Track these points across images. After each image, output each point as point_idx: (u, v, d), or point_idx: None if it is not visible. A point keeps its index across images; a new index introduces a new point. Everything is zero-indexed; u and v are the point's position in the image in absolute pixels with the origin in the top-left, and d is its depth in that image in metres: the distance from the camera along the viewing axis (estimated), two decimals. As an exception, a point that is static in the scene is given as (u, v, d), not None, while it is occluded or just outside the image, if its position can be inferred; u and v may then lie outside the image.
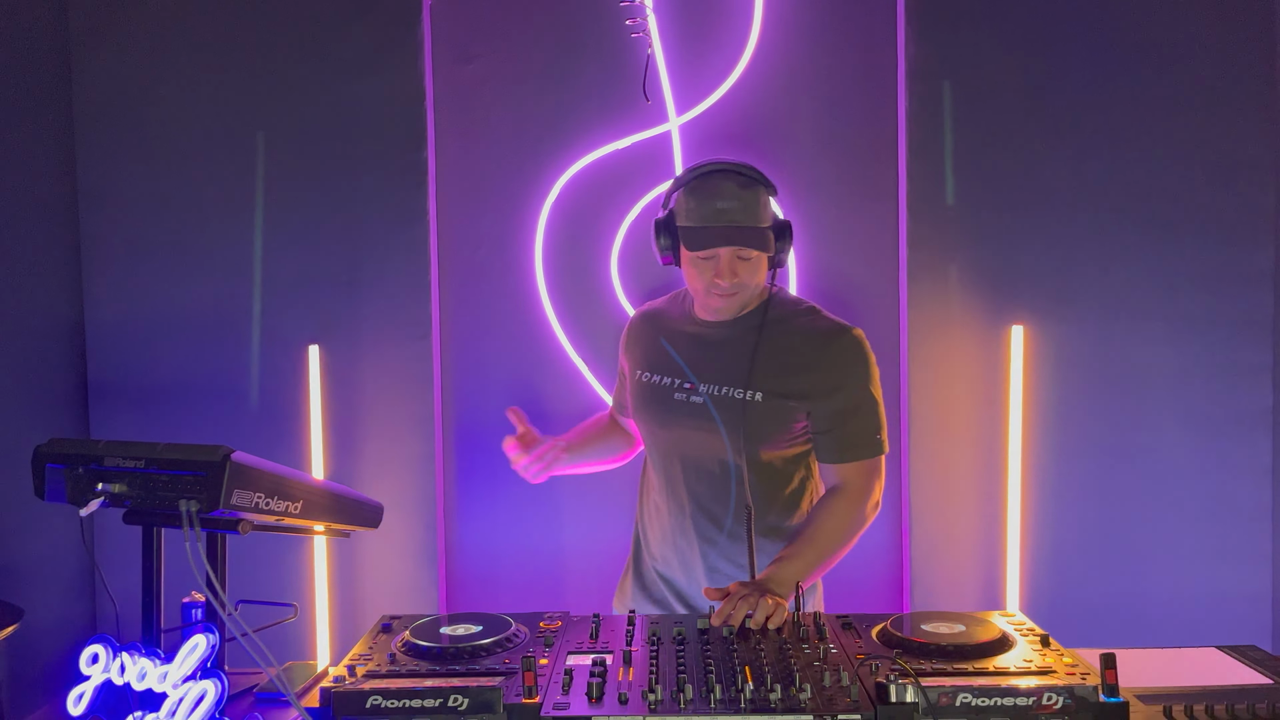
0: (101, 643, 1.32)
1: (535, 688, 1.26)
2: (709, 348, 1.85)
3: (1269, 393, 2.57)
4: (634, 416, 1.95)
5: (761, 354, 1.79)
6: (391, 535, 2.58)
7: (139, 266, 2.63)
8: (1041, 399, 2.58)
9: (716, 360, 1.83)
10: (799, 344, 1.81)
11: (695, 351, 1.86)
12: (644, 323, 1.98)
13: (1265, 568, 2.58)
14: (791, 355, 1.80)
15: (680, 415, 1.83)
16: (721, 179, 1.74)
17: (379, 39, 2.59)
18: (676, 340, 1.89)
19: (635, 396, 1.93)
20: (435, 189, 2.66)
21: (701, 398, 1.81)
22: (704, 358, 1.84)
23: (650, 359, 1.91)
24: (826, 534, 1.77)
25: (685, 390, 1.83)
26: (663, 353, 1.89)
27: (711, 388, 1.82)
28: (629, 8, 2.55)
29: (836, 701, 1.24)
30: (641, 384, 1.90)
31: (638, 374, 1.92)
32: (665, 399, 1.85)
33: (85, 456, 1.34)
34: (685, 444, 1.85)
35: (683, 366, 1.85)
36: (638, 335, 1.98)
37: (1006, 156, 2.56)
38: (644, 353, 1.93)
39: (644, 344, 1.94)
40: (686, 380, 1.84)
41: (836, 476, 1.83)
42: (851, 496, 1.80)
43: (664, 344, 1.90)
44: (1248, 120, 2.54)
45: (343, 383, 2.62)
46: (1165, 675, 1.46)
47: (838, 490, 1.82)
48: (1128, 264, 2.56)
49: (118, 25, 2.61)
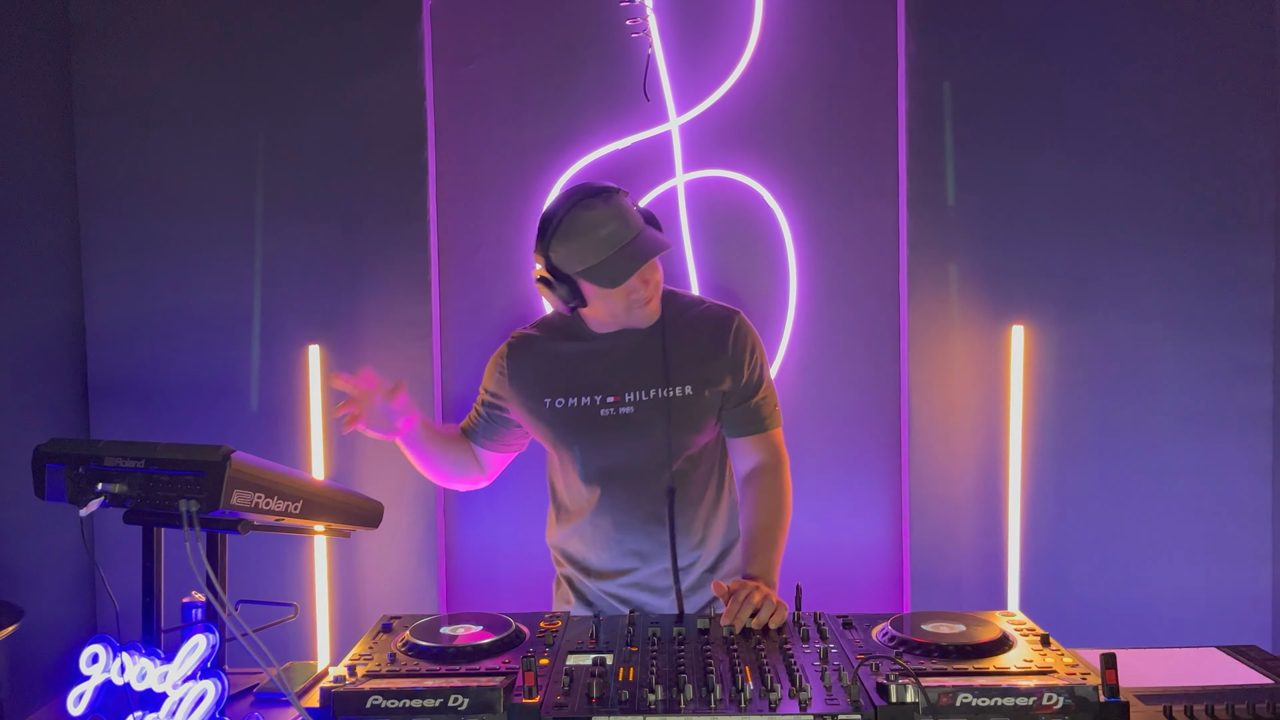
0: (101, 643, 1.32)
1: (535, 688, 1.26)
2: (618, 357, 1.82)
3: (1269, 393, 2.57)
4: (554, 445, 1.86)
5: (672, 349, 1.80)
6: (391, 535, 2.58)
7: (139, 266, 2.62)
8: (1041, 399, 2.58)
9: (632, 369, 1.81)
10: (700, 335, 1.83)
11: (608, 366, 1.82)
12: (531, 352, 1.87)
13: (1265, 568, 2.58)
14: (698, 345, 1.82)
15: (611, 430, 1.79)
16: (585, 209, 1.71)
17: (379, 39, 2.59)
18: (583, 360, 1.84)
19: (548, 425, 1.83)
20: (435, 189, 2.66)
21: (630, 407, 1.79)
22: (619, 369, 1.81)
23: (556, 384, 1.83)
24: (774, 515, 1.81)
25: (610, 404, 1.80)
26: (572, 374, 1.83)
27: (636, 394, 1.79)
28: (629, 8, 2.55)
29: (836, 701, 1.24)
30: (555, 411, 1.81)
31: (544, 403, 1.82)
32: (590, 419, 1.80)
33: (85, 456, 1.34)
34: (621, 456, 1.80)
35: (598, 382, 1.81)
36: (525, 365, 1.86)
37: (1006, 156, 2.56)
38: (544, 380, 1.84)
39: (540, 372, 1.85)
40: (609, 394, 1.80)
41: (753, 454, 1.85)
42: (775, 471, 1.84)
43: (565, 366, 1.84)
44: (1248, 120, 2.54)
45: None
46: (1165, 675, 1.46)
47: (761, 469, 1.84)
48: (1128, 264, 2.57)
49: (118, 25, 2.61)
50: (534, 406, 1.84)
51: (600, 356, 1.83)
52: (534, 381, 1.85)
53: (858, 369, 2.66)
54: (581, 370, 1.83)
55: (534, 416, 1.85)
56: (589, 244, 1.70)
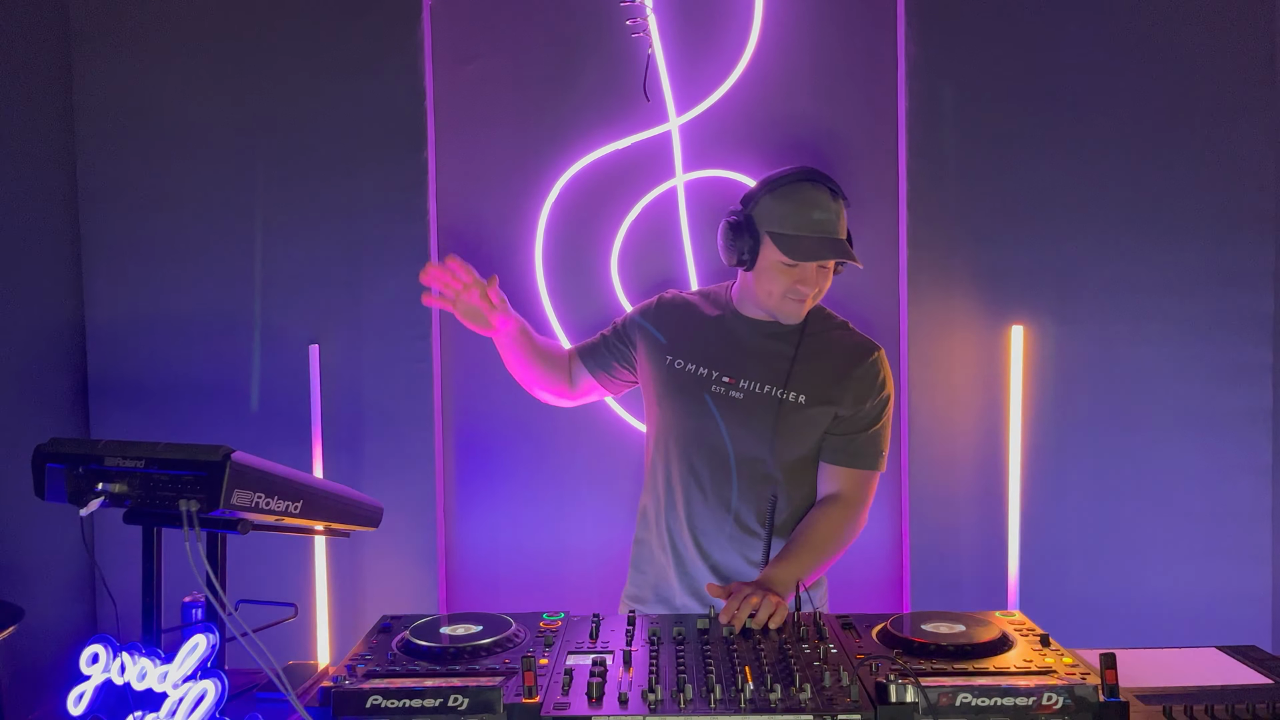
0: (101, 643, 1.32)
1: (535, 688, 1.26)
2: (749, 346, 1.88)
3: (1269, 393, 2.57)
4: (658, 401, 1.92)
5: (802, 359, 1.84)
6: (391, 535, 2.58)
7: (139, 266, 2.62)
8: (1041, 399, 2.58)
9: (756, 359, 1.86)
10: (835, 355, 1.87)
11: (735, 348, 1.88)
12: (676, 308, 1.97)
13: (1265, 568, 2.58)
14: (828, 364, 1.86)
15: (714, 406, 1.84)
16: (814, 188, 1.78)
17: (379, 39, 2.59)
18: (716, 333, 1.90)
19: (662, 382, 1.91)
20: (435, 189, 2.66)
21: (740, 393, 1.83)
22: (744, 355, 1.87)
23: (684, 346, 1.90)
24: (824, 538, 1.80)
25: (724, 384, 1.85)
26: (701, 342, 1.90)
27: (751, 384, 1.84)
28: (629, 8, 2.55)
29: (836, 701, 1.24)
30: (673, 370, 1.89)
31: (667, 359, 1.90)
32: (700, 389, 1.86)
33: (85, 456, 1.34)
34: (711, 435, 1.85)
35: (722, 359, 1.87)
36: (670, 317, 1.96)
37: (1006, 156, 2.56)
38: (678, 337, 1.92)
39: (678, 328, 1.93)
40: (726, 374, 1.85)
41: (837, 483, 1.86)
42: (849, 505, 1.84)
43: (703, 334, 1.91)
44: (1248, 121, 2.54)
45: (343, 383, 2.62)
46: (1165, 675, 1.46)
47: (836, 498, 1.85)
48: (1128, 264, 2.57)
49: (118, 25, 2.61)
50: (659, 358, 1.91)
51: (736, 340, 1.88)
52: (671, 336, 1.92)
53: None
54: (711, 341, 1.89)
55: (657, 369, 1.91)
56: (800, 214, 1.76)
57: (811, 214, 1.76)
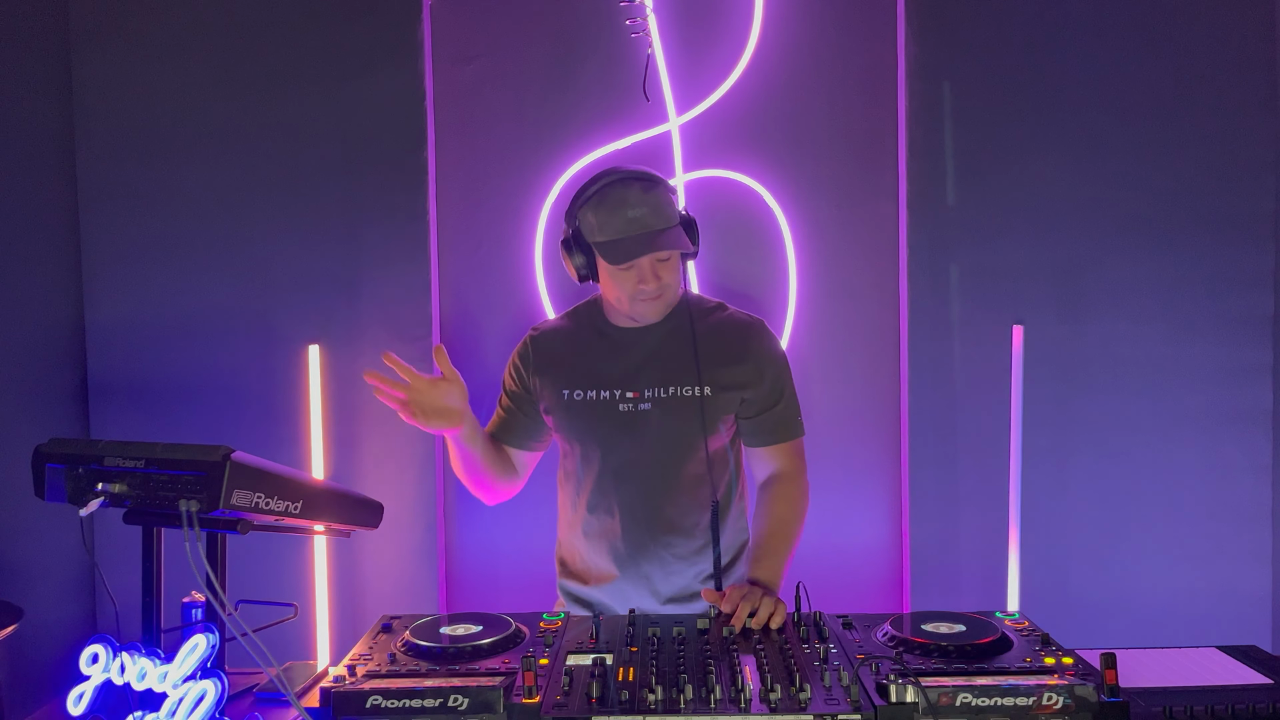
0: (101, 643, 1.32)
1: (535, 688, 1.26)
2: (639, 354, 1.83)
3: (1269, 393, 2.57)
4: (565, 438, 1.85)
5: (702, 351, 1.81)
6: (391, 535, 2.58)
7: (139, 266, 2.62)
8: (1041, 399, 2.58)
9: (653, 364, 1.81)
10: (724, 337, 1.84)
11: (625, 360, 1.83)
12: (551, 339, 1.89)
13: (1265, 568, 2.58)
14: (721, 348, 1.82)
15: (628, 426, 1.79)
16: (624, 187, 1.74)
17: (379, 39, 2.59)
18: (598, 353, 1.84)
19: (565, 417, 1.82)
20: (435, 189, 2.66)
21: (649, 404, 1.79)
22: (638, 364, 1.82)
23: (573, 376, 1.82)
24: (785, 522, 1.80)
25: (630, 399, 1.79)
26: (588, 367, 1.83)
27: (656, 391, 1.80)
28: (629, 8, 2.55)
29: (836, 701, 1.24)
30: (572, 403, 1.81)
31: (562, 394, 1.82)
32: (608, 413, 1.80)
33: (85, 456, 1.34)
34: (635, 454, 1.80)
35: (619, 376, 1.81)
36: (545, 354, 1.87)
37: (1006, 156, 2.57)
38: (563, 370, 1.84)
39: (559, 361, 1.85)
40: (628, 389, 1.80)
41: (772, 463, 1.86)
42: (792, 480, 1.85)
43: (587, 358, 1.84)
44: (1248, 120, 2.54)
45: (343, 383, 2.62)
46: (1165, 675, 1.46)
47: (778, 477, 1.85)
48: (1128, 264, 2.57)
49: (118, 25, 2.61)
50: (553, 397, 1.83)
51: (624, 351, 1.83)
52: (556, 372, 1.84)
53: (858, 369, 2.66)
54: (602, 363, 1.83)
55: (555, 407, 1.84)
56: (613, 218, 1.72)
57: (625, 213, 1.71)
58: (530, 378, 1.87)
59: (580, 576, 1.88)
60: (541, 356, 1.87)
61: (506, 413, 1.90)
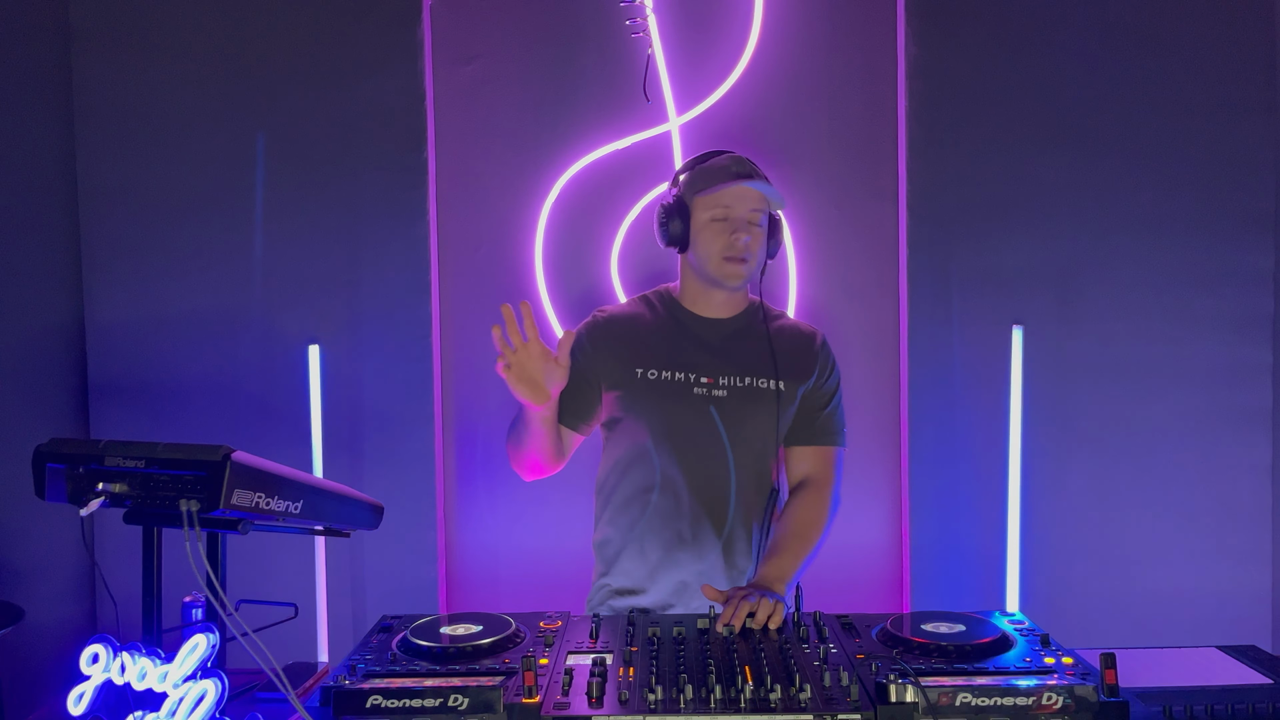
0: (101, 642, 1.32)
1: (535, 688, 1.26)
2: (713, 343, 1.87)
3: (1269, 393, 2.57)
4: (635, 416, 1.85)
5: (777, 348, 1.87)
6: (391, 535, 2.58)
7: (139, 266, 2.62)
8: (1041, 399, 2.58)
9: (727, 354, 1.86)
10: (794, 340, 1.91)
11: (700, 347, 1.87)
12: (616, 323, 1.90)
13: (1265, 568, 2.58)
14: (792, 349, 1.89)
15: (703, 407, 1.82)
16: (733, 158, 1.85)
17: (379, 39, 2.59)
18: (674, 337, 1.87)
19: (636, 396, 1.83)
20: (435, 189, 2.66)
21: (724, 391, 1.83)
22: (713, 352, 1.86)
23: (647, 355, 1.84)
24: (806, 527, 1.81)
25: (704, 384, 1.83)
26: (663, 349, 1.86)
27: (732, 380, 1.83)
28: (629, 8, 2.55)
29: (836, 701, 1.24)
30: (647, 381, 1.82)
31: (635, 372, 1.83)
32: (683, 393, 1.82)
33: (85, 456, 1.34)
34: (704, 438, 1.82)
35: (694, 361, 1.84)
36: (616, 334, 1.88)
37: (1006, 156, 2.57)
38: (635, 350, 1.85)
39: (631, 341, 1.86)
40: (703, 374, 1.83)
41: (806, 465, 1.88)
42: (822, 488, 1.86)
43: (663, 340, 1.87)
44: (1248, 120, 2.54)
45: (343, 383, 2.62)
46: (1165, 675, 1.46)
47: (808, 484, 1.87)
48: (1128, 264, 2.57)
49: (118, 25, 2.61)
50: (624, 375, 1.84)
51: (699, 338, 1.88)
52: (627, 351, 1.86)
53: (858, 369, 2.66)
54: (676, 346, 1.86)
55: (621, 387, 1.84)
56: (711, 172, 1.82)
57: (729, 167, 1.82)
58: (594, 355, 1.87)
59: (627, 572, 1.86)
60: (610, 336, 1.89)
61: (570, 392, 1.84)
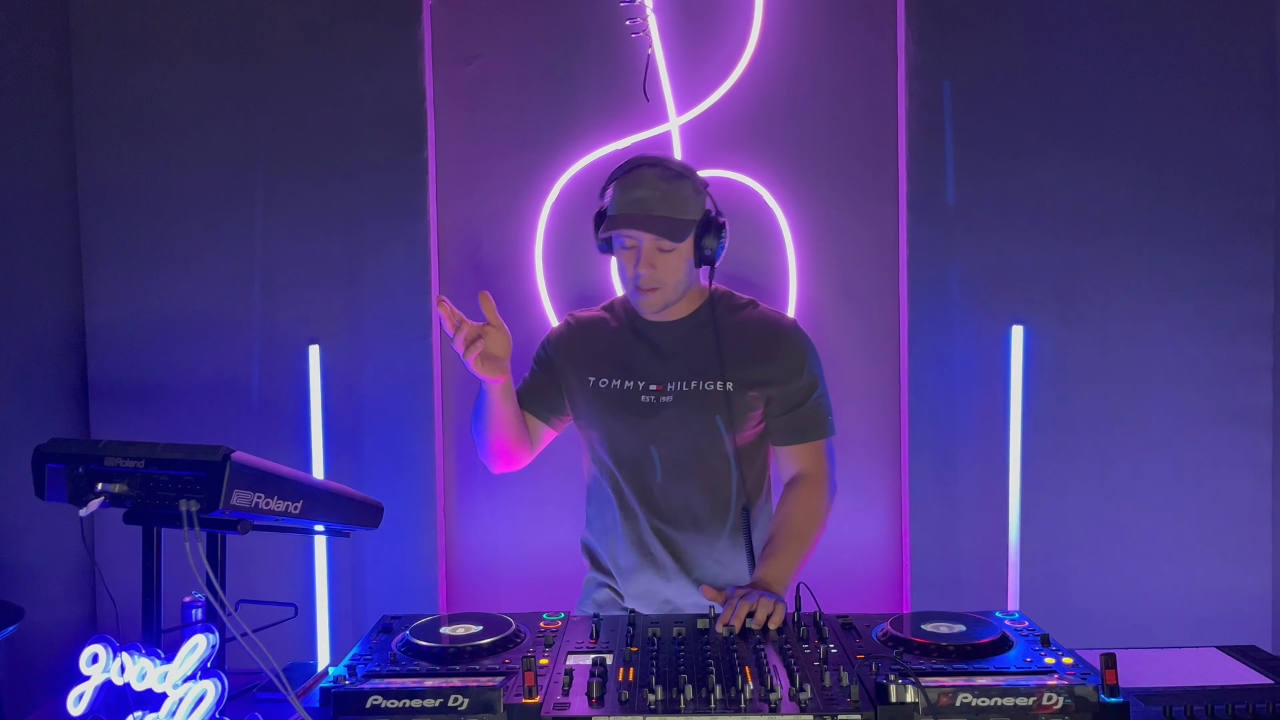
0: (101, 643, 1.32)
1: (535, 688, 1.26)
2: (665, 347, 1.85)
3: (1269, 393, 2.57)
4: (587, 425, 1.87)
5: (725, 346, 1.82)
6: (391, 535, 2.58)
7: (139, 266, 2.63)
8: (1041, 399, 2.58)
9: (677, 358, 1.83)
10: (751, 336, 1.85)
11: (652, 352, 1.85)
12: (581, 329, 1.92)
13: (1265, 568, 2.58)
14: (747, 346, 1.83)
15: (649, 417, 1.81)
16: (645, 170, 1.76)
17: (379, 39, 2.59)
18: (628, 344, 1.86)
19: (588, 404, 1.85)
20: (435, 189, 2.66)
21: (670, 396, 1.81)
22: (664, 357, 1.84)
23: (601, 364, 1.85)
24: (804, 525, 1.80)
25: (653, 392, 1.81)
26: (616, 357, 1.85)
27: (679, 384, 1.81)
28: (629, 8, 2.55)
29: (836, 701, 1.24)
30: (597, 390, 1.84)
31: (588, 380, 1.85)
32: (630, 403, 1.82)
33: (85, 456, 1.34)
34: (656, 445, 1.82)
35: (644, 368, 1.83)
36: (578, 340, 1.90)
37: (1007, 157, 2.57)
38: (591, 358, 1.86)
39: (589, 349, 1.88)
40: (652, 381, 1.82)
41: (795, 462, 1.85)
42: (814, 481, 1.84)
43: (616, 349, 1.86)
44: (1248, 121, 2.54)
45: (343, 383, 2.62)
46: (1165, 675, 1.46)
47: (800, 479, 1.85)
48: (1128, 264, 2.57)
49: (118, 25, 2.61)
50: (578, 383, 1.86)
51: (650, 344, 1.85)
52: (584, 358, 1.87)
53: (858, 369, 2.66)
54: (630, 354, 1.85)
55: (580, 393, 1.86)
56: (623, 195, 1.76)
57: (634, 193, 1.74)
58: (559, 360, 1.89)
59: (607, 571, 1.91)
60: (574, 342, 1.90)
61: (533, 378, 1.92)
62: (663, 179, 1.75)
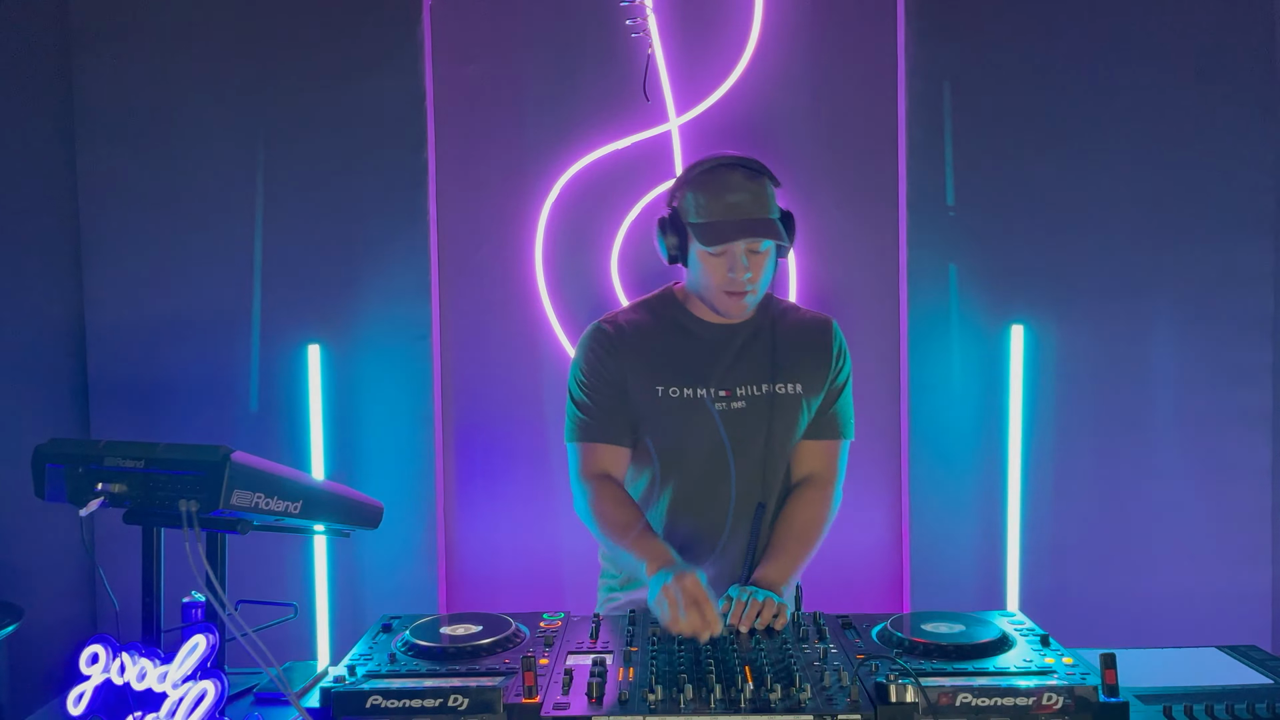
0: (101, 643, 1.32)
1: (535, 688, 1.26)
2: (728, 351, 1.80)
3: (1269, 393, 2.57)
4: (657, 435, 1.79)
5: (782, 348, 1.81)
6: (391, 535, 2.57)
7: (139, 266, 2.62)
8: (1041, 399, 2.58)
9: (741, 362, 1.80)
10: (803, 336, 1.84)
11: (714, 357, 1.80)
12: (631, 334, 1.81)
13: (1265, 568, 2.58)
14: (795, 348, 1.82)
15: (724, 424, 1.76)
16: (728, 172, 1.72)
17: (379, 40, 2.59)
18: (687, 349, 1.80)
19: (654, 413, 1.77)
20: (435, 189, 2.66)
21: (743, 402, 1.77)
22: (727, 361, 1.79)
23: (664, 372, 1.77)
24: (809, 528, 1.79)
25: (723, 398, 1.77)
26: (679, 364, 1.79)
27: (748, 389, 1.78)
28: (629, 8, 2.55)
29: (836, 701, 1.24)
30: (668, 399, 1.76)
31: (656, 390, 1.76)
32: (700, 411, 1.76)
33: (85, 456, 1.34)
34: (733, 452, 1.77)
35: (710, 373, 1.78)
36: (631, 349, 1.80)
37: (1006, 156, 2.56)
38: (654, 366, 1.78)
39: (648, 357, 1.79)
40: (720, 387, 1.77)
41: (810, 460, 1.84)
42: (823, 485, 1.83)
43: (677, 354, 1.79)
44: (1248, 120, 2.54)
45: (343, 383, 2.62)
46: (1165, 675, 1.46)
47: (812, 481, 1.83)
48: (1127, 263, 2.56)
49: (118, 25, 2.60)
50: (646, 392, 1.77)
51: (711, 348, 1.80)
52: (641, 366, 1.79)
53: (858, 369, 2.65)
54: (692, 360, 1.79)
55: (645, 403, 1.78)
56: (714, 201, 1.70)
57: (725, 198, 1.69)
58: (619, 373, 1.79)
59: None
60: (629, 352, 1.80)
61: (600, 406, 1.79)
62: (749, 179, 1.72)
